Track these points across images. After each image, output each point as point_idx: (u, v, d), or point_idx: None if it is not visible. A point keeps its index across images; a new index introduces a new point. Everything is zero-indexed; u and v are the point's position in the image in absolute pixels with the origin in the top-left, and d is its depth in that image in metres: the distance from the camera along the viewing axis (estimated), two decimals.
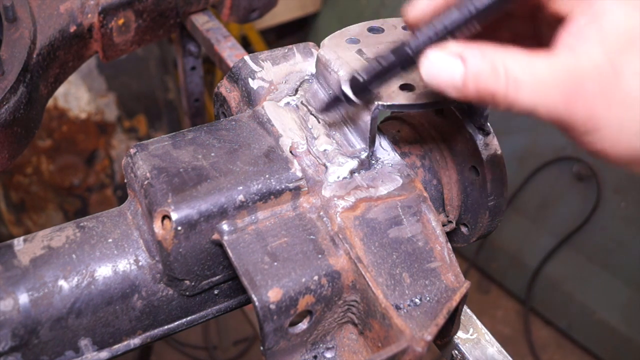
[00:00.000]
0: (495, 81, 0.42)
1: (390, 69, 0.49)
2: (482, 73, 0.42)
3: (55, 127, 1.91)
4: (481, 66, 0.42)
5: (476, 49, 0.43)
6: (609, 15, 0.41)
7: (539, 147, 2.35)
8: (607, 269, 2.22)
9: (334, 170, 0.56)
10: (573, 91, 0.41)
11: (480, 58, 0.42)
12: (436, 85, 0.45)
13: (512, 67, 0.42)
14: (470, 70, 0.43)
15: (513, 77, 0.41)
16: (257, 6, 1.05)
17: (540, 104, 0.41)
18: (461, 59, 0.43)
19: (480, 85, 0.43)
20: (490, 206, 0.64)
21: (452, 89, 0.44)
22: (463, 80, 0.43)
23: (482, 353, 0.58)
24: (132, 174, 0.54)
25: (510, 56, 0.42)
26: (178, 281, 0.54)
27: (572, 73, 0.41)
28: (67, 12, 0.84)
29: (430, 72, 0.45)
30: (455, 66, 0.43)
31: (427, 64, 0.45)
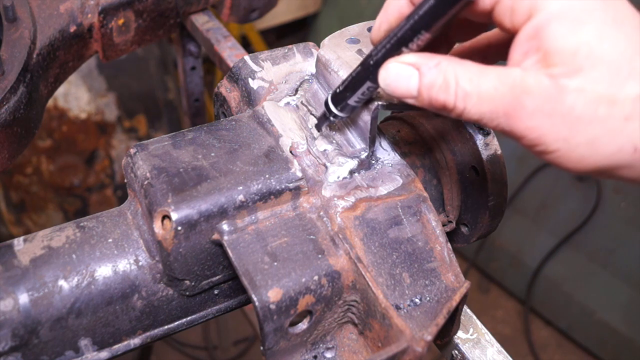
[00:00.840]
0: (446, 93, 0.44)
1: (359, 81, 0.51)
2: (434, 84, 0.44)
3: (55, 127, 1.91)
4: (434, 77, 0.44)
5: (432, 59, 0.44)
6: (548, 33, 0.41)
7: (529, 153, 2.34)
8: (607, 269, 2.22)
9: (334, 170, 0.56)
10: (514, 107, 0.42)
11: (434, 69, 0.44)
12: (393, 93, 0.47)
13: (462, 79, 0.43)
14: (424, 82, 0.45)
15: (462, 90, 0.43)
16: (257, 6, 1.05)
17: (485, 116, 0.43)
18: (417, 69, 0.45)
19: (432, 96, 0.45)
20: (490, 206, 0.64)
21: (409, 97, 0.46)
22: (418, 90, 0.45)
23: (482, 353, 0.58)
24: (132, 174, 0.54)
25: (462, 69, 0.43)
26: (178, 281, 0.54)
27: (514, 89, 0.42)
28: (67, 12, 0.84)
29: (386, 82, 0.47)
30: (410, 76, 0.45)
31: (384, 74, 0.47)
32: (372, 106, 0.54)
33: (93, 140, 1.97)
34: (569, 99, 0.40)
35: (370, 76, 0.49)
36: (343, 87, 0.53)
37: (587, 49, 0.40)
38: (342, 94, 0.53)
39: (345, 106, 0.54)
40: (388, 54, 0.47)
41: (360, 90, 0.51)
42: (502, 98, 0.42)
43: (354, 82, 0.52)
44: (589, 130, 0.41)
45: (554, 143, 0.42)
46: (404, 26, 0.46)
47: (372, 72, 0.49)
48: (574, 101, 0.40)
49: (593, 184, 2.21)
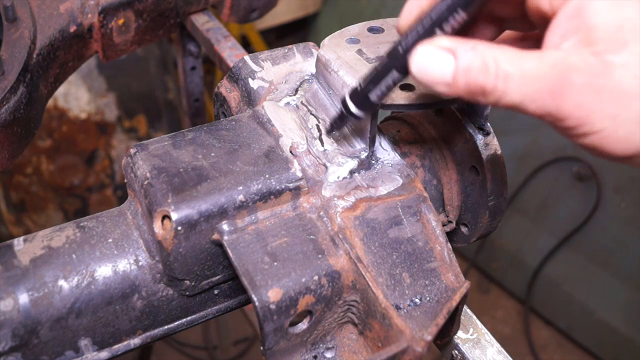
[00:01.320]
0: (486, 75, 0.42)
1: (385, 71, 0.48)
2: (472, 67, 0.42)
3: (55, 127, 1.91)
4: (472, 60, 0.42)
5: (468, 43, 0.43)
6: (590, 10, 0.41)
7: (539, 147, 2.35)
8: (607, 269, 2.22)
9: (334, 170, 0.56)
10: (560, 85, 0.40)
11: (471, 52, 0.42)
12: (426, 80, 0.44)
13: (502, 61, 0.41)
14: (461, 64, 0.42)
15: (503, 71, 0.41)
16: (257, 6, 1.05)
17: (528, 97, 0.41)
18: (452, 53, 0.43)
19: (470, 80, 0.42)
20: (490, 206, 0.64)
21: (442, 84, 0.44)
22: (454, 75, 0.43)
23: (482, 353, 0.58)
24: (132, 174, 0.54)
25: (501, 52, 0.42)
26: (178, 281, 0.54)
27: (559, 67, 0.40)
28: (67, 12, 0.85)
29: (419, 66, 0.44)
30: (446, 60, 0.43)
31: (417, 59, 0.44)
32: None
33: (93, 140, 1.97)
34: (616, 75, 0.40)
35: (398, 65, 0.46)
36: (365, 82, 0.50)
37: (631, 24, 0.40)
38: (365, 89, 0.50)
39: (367, 104, 0.51)
40: (420, 38, 0.44)
41: (384, 82, 0.48)
42: (546, 76, 0.40)
43: (379, 74, 0.48)
44: (636, 105, 0.40)
45: (600, 122, 0.40)
46: (439, 6, 0.43)
47: (401, 61, 0.46)
48: (621, 76, 0.40)
49: (593, 184, 2.21)
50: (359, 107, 0.52)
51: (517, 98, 0.42)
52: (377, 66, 0.49)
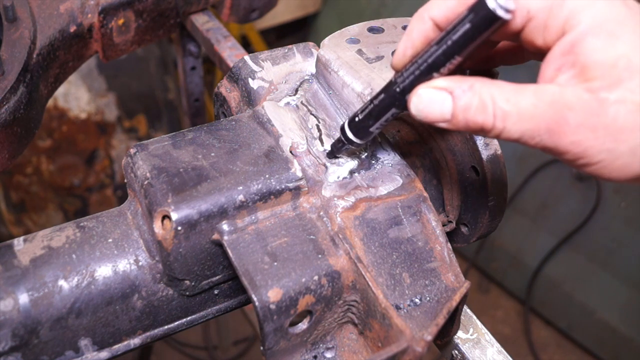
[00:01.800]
0: (484, 114, 0.43)
1: (382, 108, 0.50)
2: (470, 106, 0.44)
3: (55, 127, 1.91)
4: (469, 100, 0.44)
5: (464, 82, 0.44)
6: (584, 47, 0.41)
7: (532, 152, 2.35)
8: (607, 269, 2.22)
9: (334, 170, 0.56)
10: (557, 123, 0.42)
11: (469, 92, 0.44)
12: (426, 120, 0.46)
13: (499, 99, 0.43)
14: (459, 104, 0.44)
15: (500, 110, 0.43)
16: (257, 6, 1.05)
17: (526, 134, 0.43)
18: (450, 93, 0.44)
19: (469, 118, 0.44)
20: (490, 206, 0.64)
21: (442, 122, 0.45)
22: (452, 114, 0.44)
23: (482, 353, 0.58)
24: (132, 174, 0.54)
25: (497, 89, 0.43)
26: (178, 281, 0.54)
27: (556, 106, 0.42)
28: (67, 12, 0.84)
29: (419, 107, 0.46)
30: (443, 100, 0.45)
31: (416, 100, 0.46)
32: None
33: (93, 140, 1.97)
34: (611, 111, 0.41)
35: (397, 103, 0.48)
36: (363, 115, 0.52)
37: (625, 61, 0.41)
38: (363, 122, 0.52)
39: (366, 134, 0.53)
40: (417, 80, 0.46)
41: (384, 118, 0.50)
42: (543, 115, 0.42)
43: (377, 110, 0.50)
44: (631, 138, 0.41)
45: (598, 155, 0.42)
46: (436, 52, 0.45)
47: (399, 99, 0.48)
48: (616, 112, 0.41)
49: (593, 184, 2.21)
50: (358, 137, 0.53)
51: (516, 135, 0.43)
52: (374, 101, 0.50)
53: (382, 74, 0.57)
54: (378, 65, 0.58)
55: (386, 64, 0.58)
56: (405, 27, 0.64)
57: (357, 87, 0.56)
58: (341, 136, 0.54)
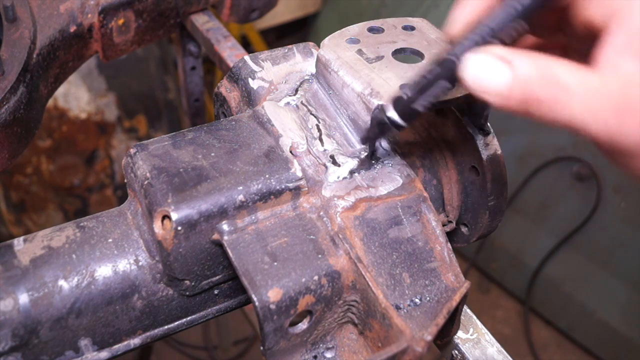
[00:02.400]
0: (545, 89, 0.39)
1: (435, 81, 0.46)
2: (531, 79, 0.39)
3: (55, 127, 1.91)
4: (531, 71, 0.39)
5: (525, 54, 0.40)
6: None
7: (539, 147, 2.35)
8: (607, 269, 2.22)
9: (334, 170, 0.56)
10: (625, 108, 0.38)
11: (529, 63, 0.40)
12: (479, 90, 0.42)
13: (564, 76, 0.39)
14: (518, 75, 0.40)
15: (565, 87, 0.39)
16: (257, 6, 1.05)
17: (592, 118, 0.39)
18: (508, 63, 0.40)
19: (527, 92, 0.40)
20: (490, 206, 0.64)
21: (495, 96, 0.41)
22: (509, 86, 0.40)
23: (482, 353, 0.58)
24: (132, 174, 0.54)
25: (561, 65, 0.39)
26: (178, 281, 0.54)
27: (624, 90, 0.38)
28: (67, 12, 0.85)
29: (473, 75, 0.42)
30: (501, 70, 0.40)
31: (471, 67, 0.42)
32: (372, 106, 0.54)
33: (93, 140, 1.97)
34: None
35: (450, 75, 0.44)
36: (412, 91, 0.47)
37: None
38: (411, 99, 0.47)
39: (412, 113, 0.48)
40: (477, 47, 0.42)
41: (432, 92, 0.46)
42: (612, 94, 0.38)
43: (429, 83, 0.46)
44: None
45: None
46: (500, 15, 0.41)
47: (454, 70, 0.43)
48: None
49: (593, 184, 2.21)
50: (403, 117, 0.49)
51: (579, 113, 0.39)
52: (425, 75, 0.46)
53: (382, 74, 0.57)
54: (378, 65, 0.58)
55: (386, 64, 0.58)
56: (406, 27, 0.64)
57: (357, 87, 0.56)
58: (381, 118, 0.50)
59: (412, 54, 0.61)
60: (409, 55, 0.61)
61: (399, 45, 0.61)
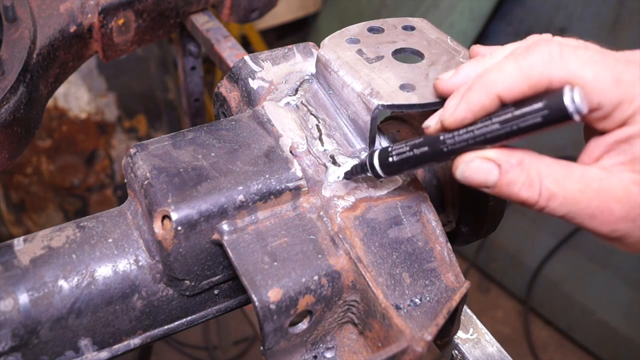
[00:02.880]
0: (529, 191, 0.44)
1: (423, 159, 0.49)
2: (516, 182, 0.45)
3: (55, 127, 1.91)
4: (517, 176, 0.45)
5: (513, 156, 0.45)
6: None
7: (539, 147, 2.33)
8: (607, 269, 2.22)
9: (334, 171, 0.56)
10: (600, 211, 0.43)
11: (517, 167, 0.44)
12: (468, 183, 0.47)
13: (546, 179, 0.44)
14: (505, 178, 0.45)
15: (547, 190, 0.44)
16: (257, 6, 1.05)
17: (569, 216, 0.44)
18: (497, 166, 0.45)
19: (513, 192, 0.45)
20: (490, 206, 0.64)
21: (483, 187, 0.46)
22: (497, 184, 0.45)
23: (482, 353, 0.58)
24: (132, 174, 0.54)
25: (545, 167, 0.44)
26: (178, 281, 0.54)
27: (602, 193, 0.43)
28: (67, 12, 0.84)
29: (464, 174, 0.47)
30: (490, 170, 0.45)
31: (463, 167, 0.47)
32: (372, 106, 0.54)
33: (93, 140, 1.97)
34: None
35: (439, 159, 0.48)
36: (399, 159, 0.50)
37: None
38: (397, 164, 0.51)
39: (394, 172, 0.52)
40: (469, 148, 0.46)
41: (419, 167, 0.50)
42: (589, 202, 0.43)
43: (415, 159, 0.49)
44: None
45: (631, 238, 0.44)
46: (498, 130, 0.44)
47: (443, 157, 0.48)
48: None
49: None
50: (385, 172, 0.52)
51: (559, 215, 0.45)
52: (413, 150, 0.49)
53: (382, 74, 0.57)
54: (378, 65, 0.58)
55: (386, 64, 0.58)
56: (406, 27, 0.64)
57: (357, 87, 0.56)
58: (367, 166, 0.53)
59: (412, 54, 0.61)
60: (409, 55, 0.61)
61: (399, 45, 0.61)
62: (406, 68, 0.58)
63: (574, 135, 2.24)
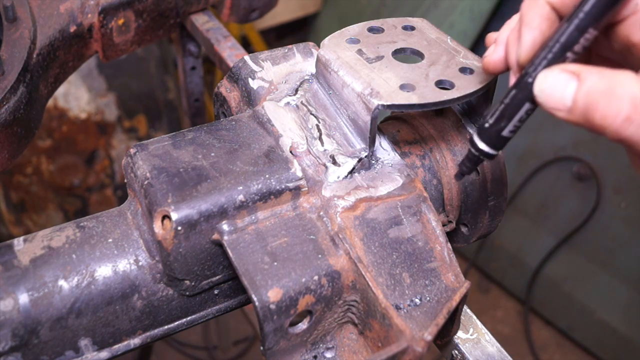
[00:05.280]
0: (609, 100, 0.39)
1: (515, 104, 0.46)
2: (595, 89, 0.40)
3: (55, 127, 1.91)
4: (596, 82, 0.40)
5: (595, 68, 0.41)
6: None
7: (539, 147, 2.35)
8: (607, 269, 2.22)
9: (334, 171, 0.56)
10: None
11: (596, 75, 0.40)
12: (547, 103, 0.43)
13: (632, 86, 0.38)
14: (583, 87, 0.40)
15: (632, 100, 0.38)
16: (257, 6, 1.05)
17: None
18: (576, 76, 0.41)
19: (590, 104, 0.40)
20: (490, 206, 0.64)
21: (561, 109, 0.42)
22: (573, 98, 0.41)
23: (482, 353, 0.58)
24: (132, 174, 0.54)
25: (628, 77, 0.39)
26: (178, 281, 0.54)
27: None
28: (67, 12, 0.85)
29: (542, 88, 0.43)
30: (567, 82, 0.41)
31: (540, 80, 0.43)
32: (372, 106, 0.54)
33: (93, 140, 1.97)
34: None
35: (530, 96, 0.45)
36: (494, 119, 0.48)
37: None
38: (495, 126, 0.48)
39: (500, 140, 0.49)
40: (550, 64, 0.43)
41: (517, 117, 0.46)
42: None
43: (509, 109, 0.46)
44: None
45: None
46: (567, 28, 0.42)
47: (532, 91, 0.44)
48: None
49: (593, 184, 2.21)
50: (492, 146, 0.50)
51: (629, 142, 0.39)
52: (504, 100, 0.47)
53: (382, 74, 0.57)
54: (378, 65, 0.58)
55: (386, 64, 0.58)
56: (406, 27, 0.64)
57: (357, 87, 0.56)
58: (472, 150, 0.50)
59: (412, 54, 0.61)
60: (409, 55, 0.61)
61: (399, 45, 0.61)
62: (406, 68, 0.58)
63: (574, 135, 2.24)
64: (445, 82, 0.56)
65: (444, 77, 0.57)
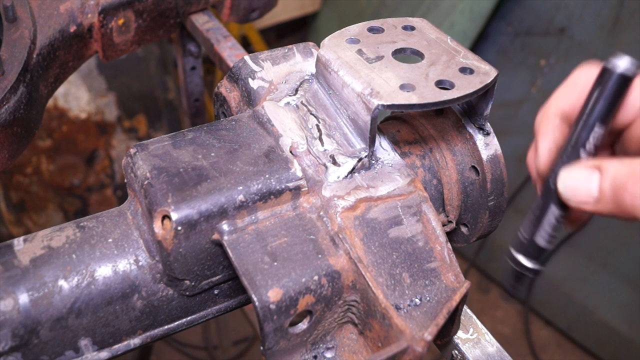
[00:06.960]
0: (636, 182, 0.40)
1: (543, 209, 0.48)
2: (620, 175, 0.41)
3: (55, 127, 1.91)
4: (618, 169, 0.42)
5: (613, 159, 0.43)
6: None
7: None
8: (607, 269, 2.22)
9: (334, 170, 0.56)
10: None
11: (617, 163, 0.42)
12: (572, 198, 0.45)
13: None
14: (607, 176, 0.42)
15: None
16: (257, 6, 1.05)
17: None
18: (597, 169, 0.43)
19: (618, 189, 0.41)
20: (490, 206, 0.64)
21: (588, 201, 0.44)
22: (600, 189, 0.43)
23: (482, 353, 0.58)
24: (132, 174, 0.54)
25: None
26: (178, 281, 0.54)
27: None
28: (67, 12, 0.84)
29: (565, 185, 0.45)
30: (590, 175, 0.43)
31: (563, 178, 0.45)
32: (372, 106, 0.54)
33: (93, 140, 1.97)
34: None
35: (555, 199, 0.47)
36: (527, 229, 0.50)
37: None
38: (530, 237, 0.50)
39: (539, 252, 0.50)
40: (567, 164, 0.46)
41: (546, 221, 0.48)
42: None
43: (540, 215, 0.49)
44: None
45: None
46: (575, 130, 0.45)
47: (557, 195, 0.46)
48: None
49: None
50: (532, 258, 0.51)
51: None
52: (533, 210, 0.49)
53: (382, 74, 0.57)
54: (378, 65, 0.58)
55: (386, 64, 0.58)
56: (406, 27, 0.64)
57: (357, 87, 0.56)
58: (517, 269, 0.52)
59: (412, 54, 0.61)
60: (409, 55, 0.61)
61: (399, 45, 0.61)
62: (406, 68, 0.58)
63: None
64: (445, 82, 0.56)
65: (444, 77, 0.57)
